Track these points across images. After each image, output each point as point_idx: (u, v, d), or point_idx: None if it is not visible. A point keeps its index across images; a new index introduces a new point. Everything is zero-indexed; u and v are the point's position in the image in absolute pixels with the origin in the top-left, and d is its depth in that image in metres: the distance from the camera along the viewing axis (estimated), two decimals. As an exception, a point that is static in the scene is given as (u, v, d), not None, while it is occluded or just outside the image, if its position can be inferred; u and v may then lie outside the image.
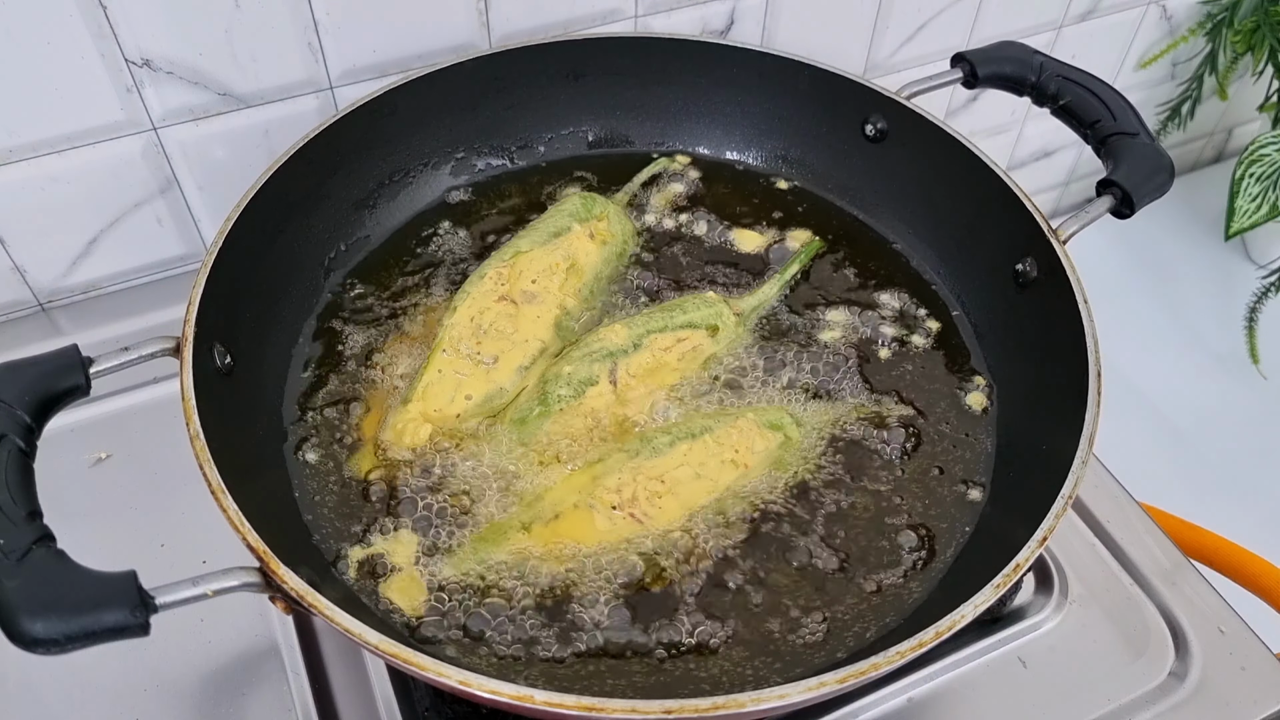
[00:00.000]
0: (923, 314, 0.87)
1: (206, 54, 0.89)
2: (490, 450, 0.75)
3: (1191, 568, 0.85)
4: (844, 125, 0.94)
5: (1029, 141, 1.53)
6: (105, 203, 0.94)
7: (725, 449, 0.74)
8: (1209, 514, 1.00)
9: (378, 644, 0.54)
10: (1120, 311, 1.54)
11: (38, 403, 0.59)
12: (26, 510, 0.53)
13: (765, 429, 0.76)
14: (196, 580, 0.54)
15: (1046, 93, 0.85)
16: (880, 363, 0.83)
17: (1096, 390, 0.68)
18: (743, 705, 0.52)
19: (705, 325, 0.82)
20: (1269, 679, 0.78)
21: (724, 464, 0.74)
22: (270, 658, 0.75)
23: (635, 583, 0.69)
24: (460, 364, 0.78)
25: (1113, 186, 0.77)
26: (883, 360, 0.84)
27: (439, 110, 0.93)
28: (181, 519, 0.81)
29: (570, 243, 0.86)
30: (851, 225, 0.94)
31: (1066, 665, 0.78)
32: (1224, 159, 1.85)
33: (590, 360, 0.78)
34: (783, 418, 0.77)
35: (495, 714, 0.69)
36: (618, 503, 0.70)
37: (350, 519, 0.72)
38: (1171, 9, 1.43)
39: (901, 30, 1.23)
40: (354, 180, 0.89)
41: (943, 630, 0.56)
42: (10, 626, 0.49)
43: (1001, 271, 0.83)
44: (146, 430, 0.88)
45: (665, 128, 1.00)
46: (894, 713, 0.75)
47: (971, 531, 0.73)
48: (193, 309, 0.68)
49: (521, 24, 1.00)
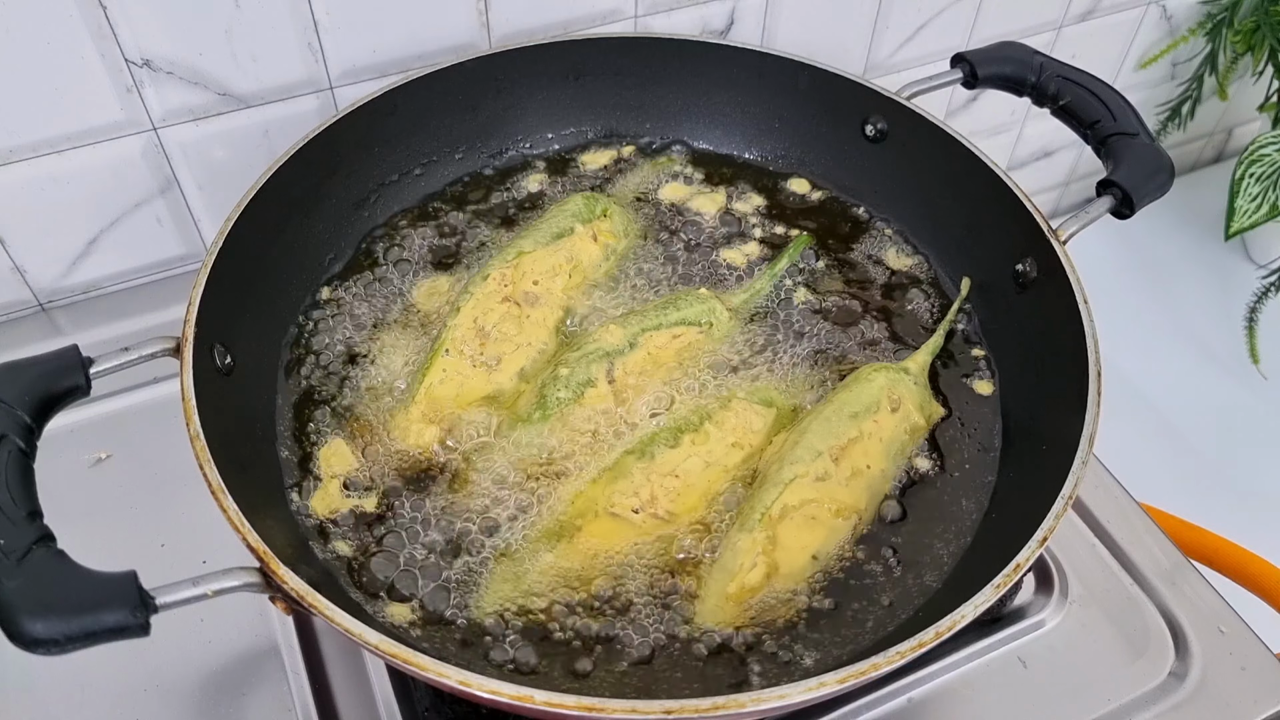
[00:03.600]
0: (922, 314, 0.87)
1: (206, 54, 0.89)
2: (496, 459, 0.75)
3: (1191, 568, 0.85)
4: (844, 125, 0.94)
5: (1029, 141, 1.53)
6: (105, 203, 0.94)
7: (727, 432, 0.75)
8: (1209, 514, 1.00)
9: (378, 644, 0.54)
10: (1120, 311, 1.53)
11: (38, 403, 0.59)
12: (27, 510, 0.53)
13: (759, 405, 0.77)
14: (196, 580, 0.54)
15: (1046, 93, 0.85)
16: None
17: (1096, 390, 0.68)
18: (743, 705, 0.52)
19: (699, 321, 0.82)
20: (1269, 679, 0.78)
21: (729, 448, 0.75)
22: (270, 658, 0.75)
23: (673, 573, 0.69)
24: (463, 365, 0.78)
25: (1113, 187, 0.77)
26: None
27: (439, 110, 0.93)
28: (181, 519, 0.81)
29: (573, 243, 0.86)
30: (851, 225, 0.94)
31: (1066, 665, 0.78)
32: (1224, 159, 1.85)
33: (587, 361, 0.78)
34: (771, 393, 0.79)
35: (495, 714, 0.69)
36: (638, 505, 0.71)
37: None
38: (1171, 9, 1.43)
39: (901, 30, 1.23)
40: (354, 180, 0.89)
41: (943, 630, 0.56)
42: (10, 627, 0.49)
43: (1001, 271, 0.83)
44: (146, 430, 0.88)
45: (665, 128, 1.00)
46: (894, 713, 0.75)
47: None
48: (193, 309, 0.68)
49: (521, 24, 1.00)
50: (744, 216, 0.94)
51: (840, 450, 0.73)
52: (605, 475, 0.73)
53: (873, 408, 0.75)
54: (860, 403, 0.75)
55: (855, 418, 0.74)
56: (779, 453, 0.73)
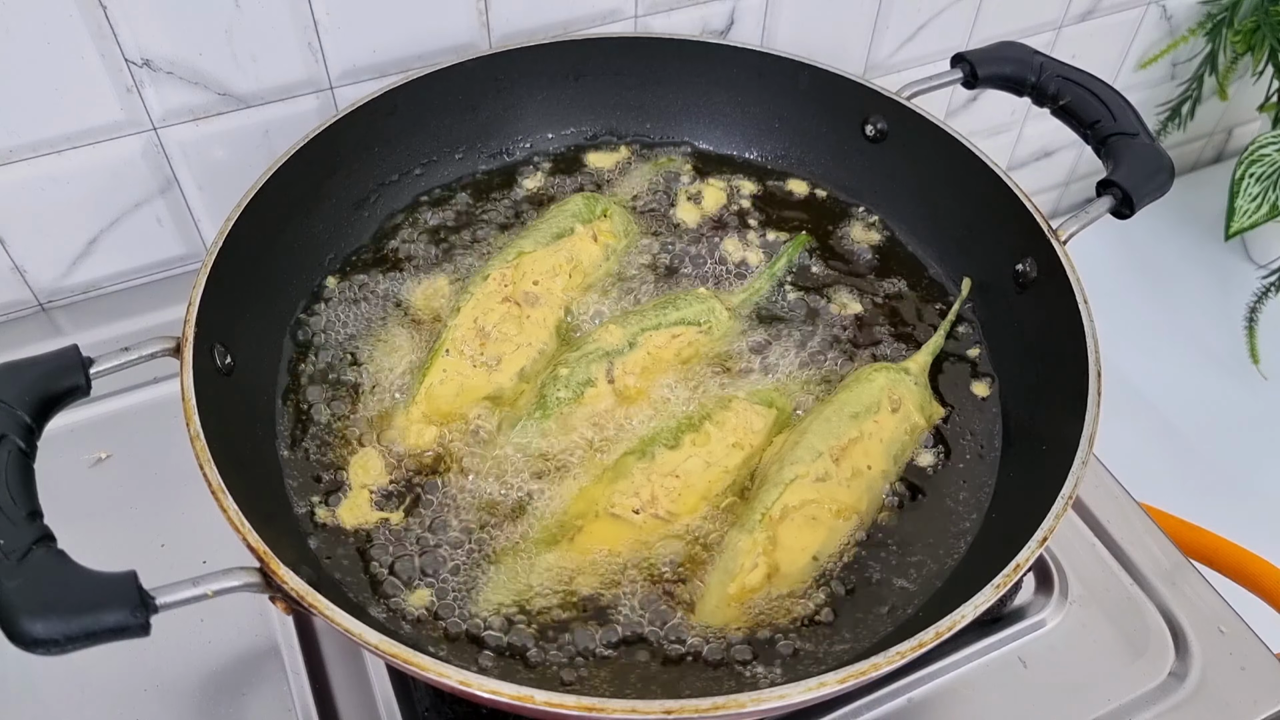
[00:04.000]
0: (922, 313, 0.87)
1: (206, 54, 0.89)
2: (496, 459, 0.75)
3: (1191, 568, 0.85)
4: (844, 125, 0.94)
5: (1029, 141, 1.53)
6: (105, 203, 0.94)
7: (727, 433, 0.75)
8: (1209, 514, 1.00)
9: (378, 644, 0.54)
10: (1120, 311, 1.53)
11: (38, 403, 0.59)
12: (27, 510, 0.53)
13: (759, 406, 0.77)
14: (197, 580, 0.54)
15: (1046, 93, 0.85)
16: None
17: (1096, 390, 0.68)
18: (743, 705, 0.52)
19: (698, 321, 0.82)
20: (1269, 679, 0.78)
21: (730, 448, 0.75)
22: (270, 658, 0.75)
23: (673, 576, 0.69)
24: (463, 365, 0.78)
25: (1113, 187, 0.77)
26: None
27: (439, 110, 0.93)
28: (181, 519, 0.81)
29: (573, 244, 0.86)
30: (851, 225, 0.94)
31: (1066, 665, 0.78)
32: (1224, 159, 1.85)
33: (587, 361, 0.78)
34: (772, 394, 0.78)
35: (495, 714, 0.69)
36: (638, 505, 0.71)
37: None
38: (1171, 9, 1.43)
39: (901, 30, 1.23)
40: (354, 180, 0.89)
41: (943, 630, 0.56)
42: (11, 627, 0.49)
43: (1001, 271, 0.83)
44: (146, 430, 0.88)
45: (665, 128, 1.00)
46: (894, 713, 0.75)
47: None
48: (193, 309, 0.68)
49: (521, 24, 1.00)
50: (743, 216, 0.94)
51: (841, 451, 0.73)
52: (605, 475, 0.73)
53: (873, 408, 0.75)
54: (860, 403, 0.75)
55: (855, 418, 0.74)
56: (779, 453, 0.73)
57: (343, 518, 0.71)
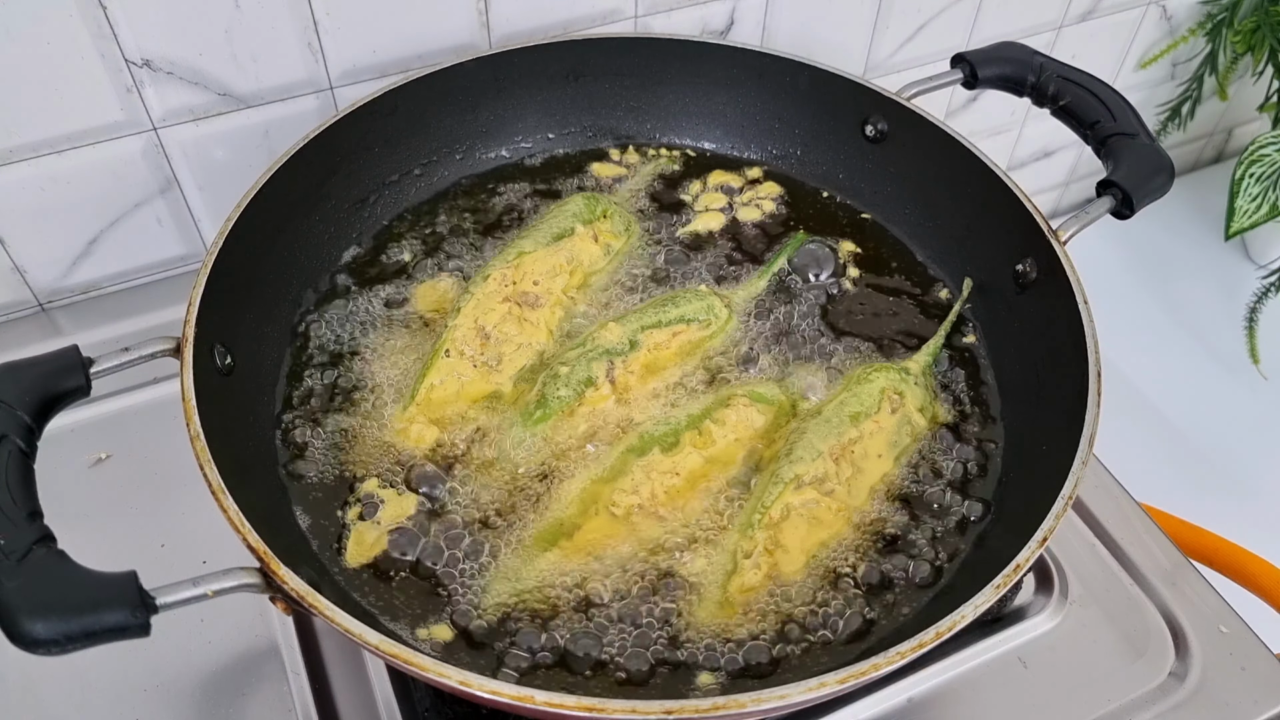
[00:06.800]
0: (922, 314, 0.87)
1: (206, 54, 0.89)
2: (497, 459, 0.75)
3: (1191, 568, 0.85)
4: (844, 125, 0.94)
5: (1029, 141, 1.53)
6: (105, 203, 0.94)
7: (727, 431, 0.75)
8: (1209, 514, 1.00)
9: (378, 644, 0.54)
10: (1120, 311, 1.54)
11: (38, 403, 0.59)
12: (27, 510, 0.53)
13: (759, 404, 0.77)
14: (197, 580, 0.54)
15: (1046, 93, 0.85)
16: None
17: (1096, 390, 0.68)
18: (743, 705, 0.52)
19: (698, 318, 0.82)
20: (1269, 679, 0.78)
21: (730, 446, 0.75)
22: (270, 658, 0.75)
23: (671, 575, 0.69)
24: (463, 366, 0.78)
25: (1113, 187, 0.77)
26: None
27: (439, 110, 0.93)
28: (181, 519, 0.81)
29: (574, 244, 0.86)
30: (851, 224, 0.94)
31: (1066, 665, 0.78)
32: (1224, 159, 1.85)
33: (587, 360, 0.78)
34: (771, 390, 0.78)
35: (495, 714, 0.69)
36: (639, 503, 0.71)
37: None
38: (1171, 9, 1.43)
39: (901, 30, 1.23)
40: (354, 180, 0.89)
41: (943, 630, 0.56)
42: (11, 627, 0.49)
43: (1001, 272, 0.83)
44: (146, 430, 0.88)
45: (665, 128, 1.00)
46: (894, 713, 0.75)
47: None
48: (193, 309, 0.68)
49: (521, 24, 1.00)
50: (743, 215, 0.94)
51: (841, 450, 0.73)
52: (606, 473, 0.73)
53: (873, 408, 0.75)
54: (860, 403, 0.75)
55: (855, 418, 0.74)
56: (779, 452, 0.73)
57: (349, 528, 0.71)
